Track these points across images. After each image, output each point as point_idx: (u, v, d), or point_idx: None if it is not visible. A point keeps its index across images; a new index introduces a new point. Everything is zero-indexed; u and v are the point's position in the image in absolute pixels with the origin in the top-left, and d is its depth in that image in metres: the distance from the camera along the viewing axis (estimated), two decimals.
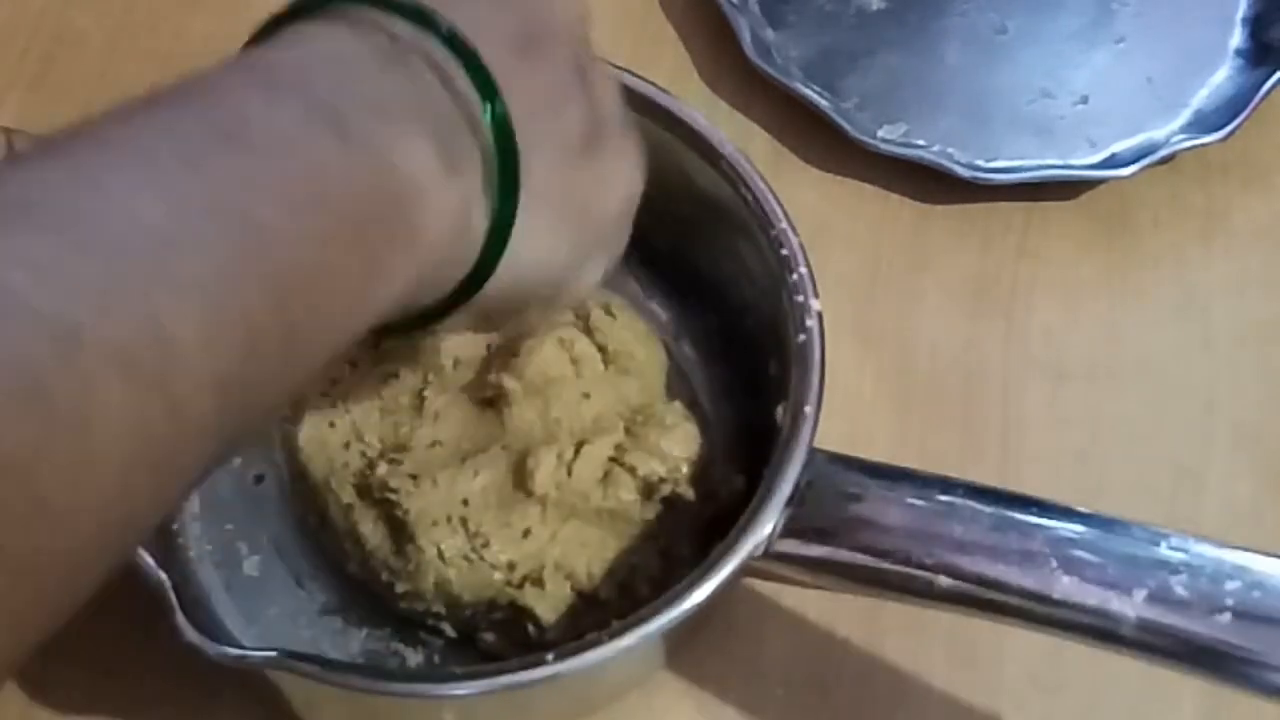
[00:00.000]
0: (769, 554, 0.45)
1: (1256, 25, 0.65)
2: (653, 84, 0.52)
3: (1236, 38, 0.65)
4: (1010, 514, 0.45)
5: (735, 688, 0.52)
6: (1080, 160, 0.62)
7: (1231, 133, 0.61)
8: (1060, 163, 0.62)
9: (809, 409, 0.47)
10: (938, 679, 0.52)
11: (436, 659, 0.51)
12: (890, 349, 0.59)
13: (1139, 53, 0.65)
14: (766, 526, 0.45)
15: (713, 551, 0.45)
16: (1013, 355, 0.59)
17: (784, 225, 0.51)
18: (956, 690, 0.52)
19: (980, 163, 0.61)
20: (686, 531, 0.50)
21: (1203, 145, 0.61)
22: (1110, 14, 0.66)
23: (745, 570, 0.45)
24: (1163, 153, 0.61)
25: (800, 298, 0.49)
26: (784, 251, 0.50)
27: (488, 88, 0.35)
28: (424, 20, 0.35)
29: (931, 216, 0.62)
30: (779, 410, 0.48)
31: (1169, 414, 0.58)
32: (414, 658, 0.51)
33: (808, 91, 0.61)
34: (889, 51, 0.65)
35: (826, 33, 0.65)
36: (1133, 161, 0.61)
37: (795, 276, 0.50)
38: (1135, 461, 0.57)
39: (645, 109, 0.50)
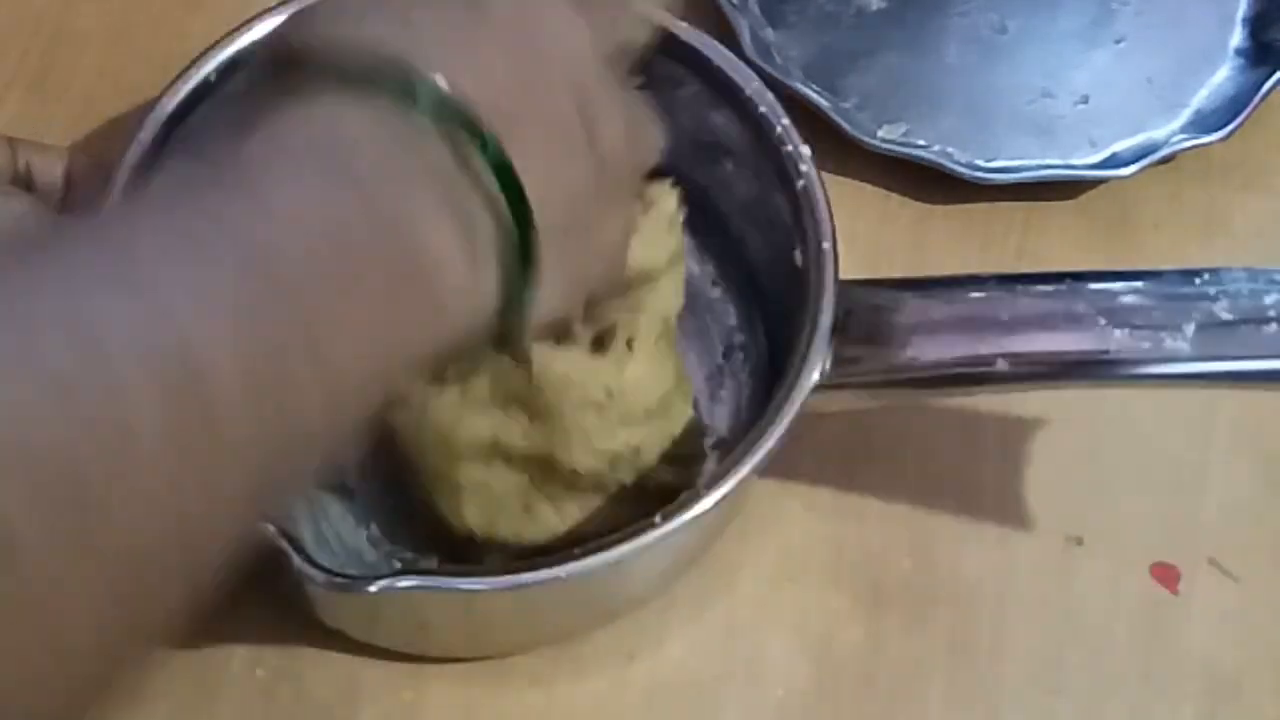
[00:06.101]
0: (828, 384, 0.47)
1: (1256, 25, 0.65)
2: None
3: (1236, 38, 0.65)
4: (1047, 287, 0.47)
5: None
6: (1080, 160, 0.62)
7: (1231, 133, 0.61)
8: (1060, 163, 0.62)
9: (826, 245, 0.49)
10: (938, 679, 0.52)
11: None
12: None
13: (1139, 53, 0.65)
14: (818, 361, 0.47)
15: (774, 398, 0.46)
16: None
17: (757, 85, 0.52)
18: (956, 690, 0.52)
19: (980, 163, 0.61)
20: None
21: (1203, 145, 0.61)
22: (1110, 14, 0.66)
23: (812, 407, 0.46)
24: (1163, 153, 0.61)
25: (789, 148, 0.51)
26: (762, 109, 0.52)
27: (501, 166, 0.36)
28: (411, 94, 0.35)
29: (931, 216, 0.62)
30: (796, 254, 0.49)
31: (1169, 414, 0.58)
32: None
33: (807, 91, 0.61)
34: (889, 51, 0.64)
35: (826, 33, 0.65)
36: (1133, 161, 0.61)
37: (779, 129, 0.52)
38: (1135, 461, 0.57)
39: None
